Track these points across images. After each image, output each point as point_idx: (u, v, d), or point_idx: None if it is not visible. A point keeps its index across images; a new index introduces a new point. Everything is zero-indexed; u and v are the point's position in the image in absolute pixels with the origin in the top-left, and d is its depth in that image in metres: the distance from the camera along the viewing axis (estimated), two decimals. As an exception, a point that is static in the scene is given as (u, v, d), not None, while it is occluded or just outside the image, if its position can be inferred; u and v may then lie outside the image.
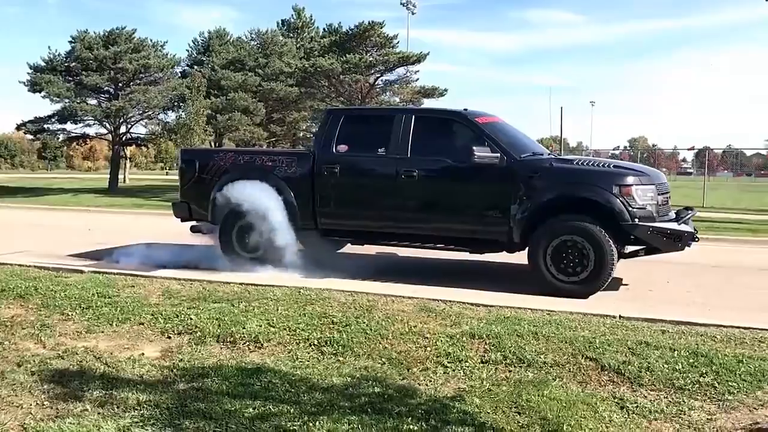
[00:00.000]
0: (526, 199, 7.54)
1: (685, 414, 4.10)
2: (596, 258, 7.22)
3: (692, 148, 43.65)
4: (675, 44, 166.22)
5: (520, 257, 7.99)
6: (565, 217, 7.43)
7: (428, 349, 5.15)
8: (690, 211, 8.08)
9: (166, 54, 34.88)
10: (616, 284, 7.96)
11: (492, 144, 7.77)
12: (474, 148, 7.60)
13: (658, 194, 7.49)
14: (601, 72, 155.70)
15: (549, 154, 8.86)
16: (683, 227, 7.48)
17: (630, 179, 7.37)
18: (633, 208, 7.21)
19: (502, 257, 8.38)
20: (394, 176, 8.07)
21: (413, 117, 8.35)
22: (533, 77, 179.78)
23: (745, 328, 5.67)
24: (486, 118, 8.43)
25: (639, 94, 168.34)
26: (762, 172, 73.01)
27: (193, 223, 9.15)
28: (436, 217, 8.04)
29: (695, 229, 7.72)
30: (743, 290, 8.12)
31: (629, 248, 7.76)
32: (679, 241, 7.36)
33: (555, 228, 7.42)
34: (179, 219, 9.32)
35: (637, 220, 7.22)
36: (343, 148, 8.43)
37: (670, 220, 7.56)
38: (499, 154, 7.67)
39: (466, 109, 8.44)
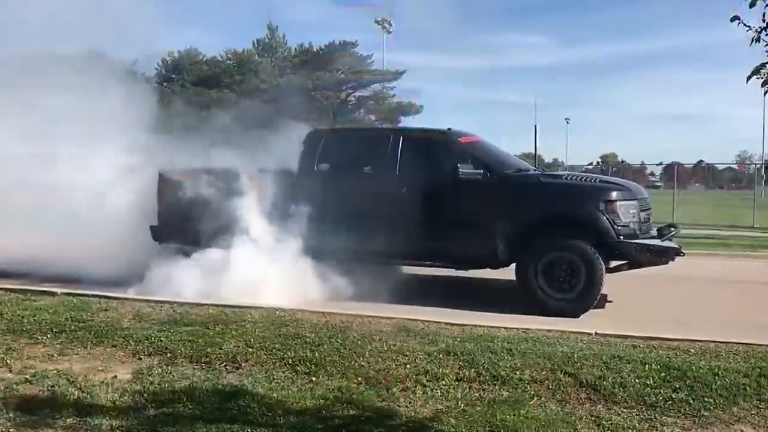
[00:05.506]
0: (513, 216, 7.51)
1: (657, 430, 4.08)
2: (587, 275, 7.18)
3: (660, 164, 44.30)
4: (640, 64, 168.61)
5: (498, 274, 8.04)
6: (553, 233, 7.40)
7: (408, 366, 5.11)
8: (673, 229, 8.10)
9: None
10: (602, 302, 7.85)
11: (476, 161, 7.80)
12: (459, 165, 7.63)
13: (641, 210, 7.52)
14: (573, 91, 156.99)
15: (535, 170, 8.89)
16: (667, 243, 7.53)
17: (614, 194, 7.41)
18: (618, 225, 7.21)
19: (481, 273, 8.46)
20: (378, 195, 8.03)
21: (400, 137, 8.35)
22: (507, 95, 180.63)
23: (722, 342, 5.71)
24: (469, 137, 8.53)
25: (610, 112, 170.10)
26: (733, 185, 73.72)
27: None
28: (422, 234, 7.88)
29: (679, 245, 7.71)
30: (712, 304, 8.21)
31: (612, 263, 7.71)
32: (663, 256, 7.38)
33: (545, 244, 7.38)
34: (158, 242, 9.07)
35: (621, 237, 7.21)
36: (326, 167, 8.41)
37: (653, 237, 7.59)
38: (482, 171, 7.69)
39: (450, 129, 8.51)
